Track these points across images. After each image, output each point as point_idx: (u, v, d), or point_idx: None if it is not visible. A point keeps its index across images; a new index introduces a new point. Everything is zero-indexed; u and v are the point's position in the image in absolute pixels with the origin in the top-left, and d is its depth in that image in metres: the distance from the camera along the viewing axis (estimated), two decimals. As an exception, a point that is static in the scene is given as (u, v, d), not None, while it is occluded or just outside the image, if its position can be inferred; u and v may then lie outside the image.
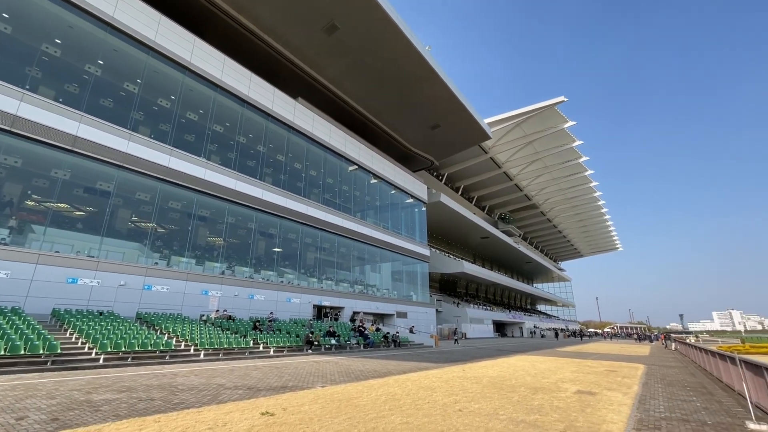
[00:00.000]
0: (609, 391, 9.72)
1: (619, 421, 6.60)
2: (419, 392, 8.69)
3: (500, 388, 9.70)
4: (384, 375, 11.56)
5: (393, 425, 5.75)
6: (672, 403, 8.45)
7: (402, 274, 37.34)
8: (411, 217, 39.58)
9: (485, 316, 54.88)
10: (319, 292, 26.14)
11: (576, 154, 54.39)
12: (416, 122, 35.15)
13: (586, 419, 6.62)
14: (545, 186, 63.88)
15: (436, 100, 31.87)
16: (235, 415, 6.01)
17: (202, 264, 20.46)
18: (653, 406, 8.12)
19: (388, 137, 36.65)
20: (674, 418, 7.03)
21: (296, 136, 26.50)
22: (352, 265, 31.08)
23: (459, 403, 7.59)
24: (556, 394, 9.08)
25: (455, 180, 56.86)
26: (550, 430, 5.83)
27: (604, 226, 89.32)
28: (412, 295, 37.40)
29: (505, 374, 12.60)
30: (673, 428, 6.27)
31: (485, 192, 62.04)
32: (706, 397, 9.32)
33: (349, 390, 8.71)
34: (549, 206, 72.19)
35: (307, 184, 27.35)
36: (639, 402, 8.45)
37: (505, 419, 6.37)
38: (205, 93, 21.40)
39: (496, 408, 7.22)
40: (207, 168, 20.20)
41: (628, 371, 14.63)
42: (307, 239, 27.01)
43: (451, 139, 38.46)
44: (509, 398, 8.27)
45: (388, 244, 33.63)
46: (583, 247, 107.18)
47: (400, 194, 37.11)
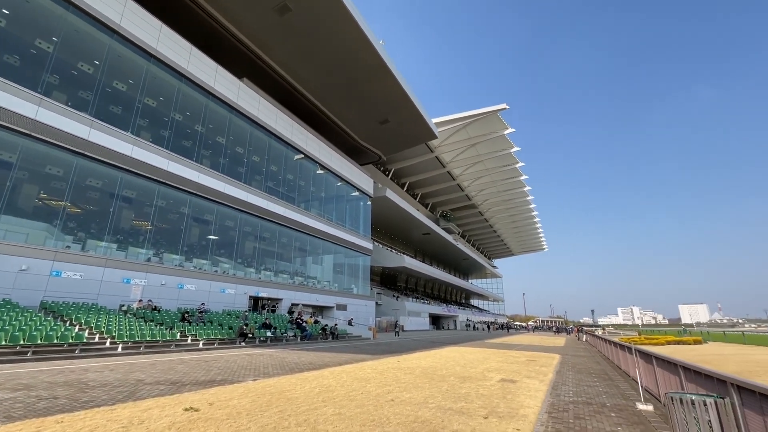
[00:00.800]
0: (528, 379, 10.60)
1: (534, 405, 7.24)
2: (354, 384, 8.79)
3: (431, 378, 10.14)
4: (320, 367, 11.51)
5: (325, 416, 5.76)
6: (579, 389, 9.44)
7: (344, 267, 37.29)
8: (356, 210, 39.59)
9: (422, 310, 56.83)
10: (257, 283, 25.21)
11: (513, 160, 58.07)
12: (366, 116, 35.11)
13: (506, 405, 7.16)
14: (484, 188, 67.42)
15: (387, 95, 32.06)
16: (154, 412, 5.62)
17: (124, 249, 18.68)
18: (564, 391, 9.01)
19: (337, 128, 36.18)
20: (580, 401, 7.87)
21: (239, 119, 25.11)
22: (293, 257, 30.37)
23: (392, 393, 7.81)
24: (482, 382, 9.71)
25: (401, 176, 57.86)
26: (474, 416, 6.22)
27: (534, 228, 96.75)
28: (353, 287, 37.55)
29: (437, 365, 13.19)
30: (578, 410, 7.03)
31: (429, 190, 63.96)
32: (607, 383, 10.54)
33: (283, 383, 8.55)
34: (487, 207, 76.36)
35: (249, 170, 26.11)
36: (552, 388, 9.33)
37: (434, 407, 6.68)
38: (136, 62, 19.41)
39: (427, 397, 7.54)
40: (135, 145, 18.39)
41: (545, 361, 16.07)
42: (247, 228, 25.85)
43: (400, 136, 39.02)
44: (439, 387, 8.68)
45: (332, 236, 33.35)
46: (515, 247, 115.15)
47: (346, 186, 36.90)
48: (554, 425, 5.94)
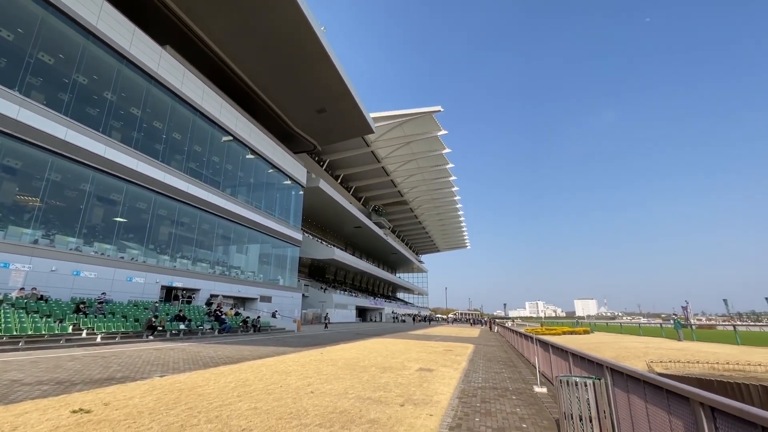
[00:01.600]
0: (444, 368, 11.28)
1: (447, 392, 7.73)
2: (273, 377, 8.56)
3: (353, 369, 10.29)
4: (238, 361, 11.00)
5: (239, 411, 5.53)
6: (488, 375, 10.30)
7: (270, 257, 35.94)
8: (287, 199, 38.33)
9: (350, 302, 57.20)
10: (171, 271, 23.17)
11: (444, 161, 60.85)
12: (303, 103, 34.05)
13: (422, 392, 7.55)
14: (416, 185, 69.71)
15: (326, 83, 31.42)
16: (32, 417, 4.89)
17: (2, 228, 15.88)
18: (474, 378, 9.76)
19: (271, 113, 34.55)
20: (487, 386, 8.60)
21: (159, 90, 22.69)
22: (215, 245, 28.45)
23: (312, 385, 7.76)
24: (402, 372, 10.10)
25: (336, 168, 57.31)
26: (391, 404, 6.45)
27: (459, 226, 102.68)
28: (279, 279, 36.40)
29: (360, 356, 13.41)
30: (485, 395, 7.67)
31: (363, 183, 64.30)
32: (512, 369, 11.65)
33: (195, 378, 8.01)
34: (417, 204, 79.09)
35: (169, 148, 23.79)
36: (465, 375, 10.05)
37: (354, 397, 6.79)
38: (27, 7, 16.47)
39: (347, 388, 7.63)
40: (22, 106, 15.63)
41: (460, 350, 17.22)
42: (162, 211, 23.57)
43: (337, 127, 38.55)
44: (360, 378, 8.84)
45: (259, 224, 31.90)
46: (441, 243, 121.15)
47: (277, 174, 35.49)
48: (463, 409, 6.42)
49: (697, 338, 22.90)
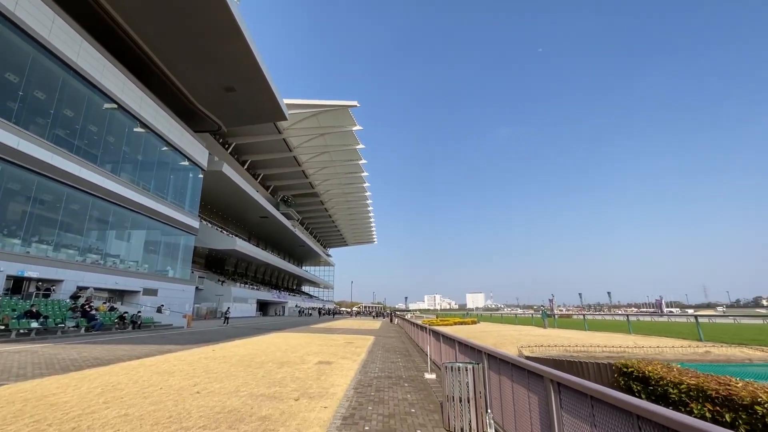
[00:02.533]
0: (343, 360, 11.44)
1: (344, 384, 7.86)
2: (152, 378, 7.68)
3: (248, 365, 9.80)
4: (109, 362, 9.61)
5: (105, 420, 4.84)
6: (384, 365, 10.75)
7: (159, 246, 32.06)
8: (183, 182, 34.56)
9: (250, 296, 54.28)
10: (23, 258, 19.10)
11: (357, 156, 61.38)
12: (209, 78, 30.95)
13: (319, 385, 7.55)
14: (329, 178, 69.05)
15: (236, 60, 29.04)
16: None
17: None
18: (371, 368, 10.10)
19: (171, 85, 30.68)
20: (383, 376, 8.98)
21: (16, 34, 18.41)
22: (86, 228, 24.23)
23: (199, 385, 7.18)
24: (300, 366, 9.95)
25: (243, 153, 53.61)
26: (286, 399, 6.31)
27: (368, 222, 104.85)
28: (168, 270, 32.70)
29: (257, 351, 12.83)
30: (380, 384, 8.00)
31: (272, 172, 61.37)
32: (407, 359, 12.35)
33: (47, 385, 6.77)
34: (328, 197, 78.44)
35: (27, 109, 19.50)
36: (362, 366, 10.34)
37: (246, 395, 6.47)
38: None
39: (239, 385, 7.24)
40: None
41: (361, 342, 17.66)
42: (14, 185, 19.26)
43: (246, 109, 35.99)
44: (255, 374, 8.46)
45: (146, 208, 28.19)
46: (350, 237, 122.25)
47: (173, 153, 31.74)
48: (358, 399, 6.60)
49: (558, 326, 27.16)
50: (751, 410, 3.08)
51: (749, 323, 28.72)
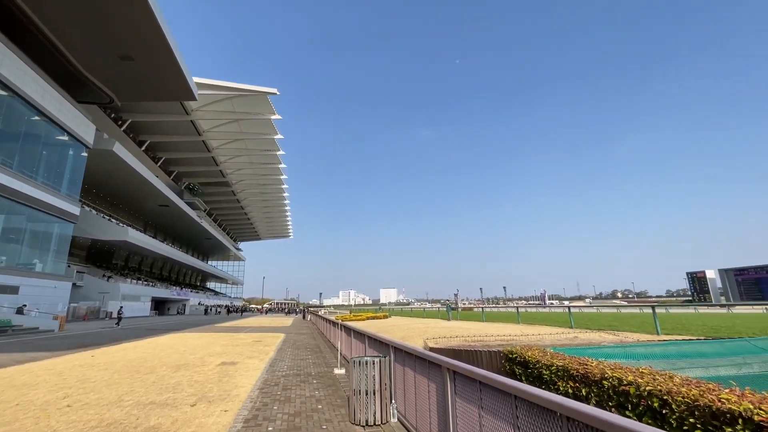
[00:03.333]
0: (249, 359, 10.91)
1: (248, 384, 7.51)
2: (5, 394, 6.42)
3: (136, 371, 8.78)
4: (-58, 377, 7.76)
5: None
6: (294, 362, 10.53)
7: (23, 234, 26.73)
8: (60, 160, 29.29)
9: (143, 293, 48.59)
10: None
11: (275, 146, 58.73)
12: (101, 42, 26.62)
13: (220, 388, 7.09)
14: (242, 167, 64.84)
15: (135, 24, 25.44)
16: None
17: None
18: (279, 367, 9.82)
19: (49, 45, 25.64)
20: (291, 374, 8.79)
21: None
22: None
23: (70, 397, 6.21)
24: (200, 368, 9.23)
25: (141, 132, 47.47)
26: (180, 405, 5.81)
27: (284, 216, 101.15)
28: (35, 263, 27.48)
29: (148, 355, 11.55)
30: (288, 382, 7.82)
31: (176, 156, 55.48)
32: (317, 355, 12.26)
33: None
34: (241, 187, 73.72)
35: None
36: (270, 365, 9.99)
37: (131, 404, 5.79)
38: None
39: (123, 394, 6.45)
40: None
41: (270, 340, 17.02)
42: None
43: (147, 83, 31.84)
44: (144, 381, 7.62)
45: (6, 188, 23.30)
46: (263, 231, 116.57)
47: (47, 125, 26.68)
48: (263, 399, 6.37)
49: (460, 318, 29.50)
50: (600, 385, 3.74)
51: (607, 312, 34.60)
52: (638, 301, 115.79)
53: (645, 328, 12.63)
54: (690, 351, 5.56)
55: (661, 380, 3.25)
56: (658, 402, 3.05)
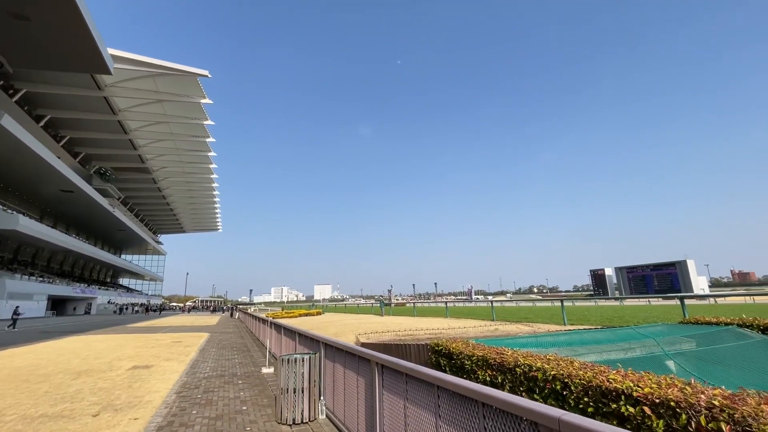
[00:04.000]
0: (167, 362, 10.08)
1: (164, 389, 6.93)
2: None
3: (25, 380, 7.63)
4: None
5: None
6: (217, 363, 9.95)
7: None
8: (-76, 130, 24.19)
9: (37, 290, 42.44)
10: None
11: (204, 133, 54.64)
12: (-17, -8, 22.40)
13: (131, 394, 6.45)
14: (165, 153, 59.30)
15: (34, -18, 21.92)
16: None
17: None
18: (201, 368, 9.20)
19: None
20: (214, 375, 8.29)
21: None
22: None
23: (-68, 414, 5.21)
24: (107, 374, 8.31)
25: (39, 104, 41.08)
26: (79, 416, 5.17)
27: (212, 208, 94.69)
28: None
29: (42, 361, 10.10)
30: (210, 384, 7.36)
31: (85, 136, 48.99)
32: (244, 355, 11.71)
33: None
34: (163, 174, 67.46)
35: None
36: (191, 367, 9.32)
37: (14, 419, 5.02)
38: None
39: (5, 408, 5.57)
40: None
41: (192, 341, 15.88)
42: None
43: (48, 48, 27.53)
44: (35, 390, 6.65)
45: None
46: (188, 224, 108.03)
47: None
48: (180, 404, 5.92)
49: (393, 313, 30.22)
50: (514, 372, 4.09)
51: (524, 305, 37.92)
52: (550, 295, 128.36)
53: (555, 319, 14.07)
54: (588, 338, 6.32)
55: (564, 365, 3.64)
56: (560, 384, 3.41)
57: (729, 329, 6.80)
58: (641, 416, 2.57)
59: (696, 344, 6.16)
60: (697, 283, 57.26)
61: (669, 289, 56.92)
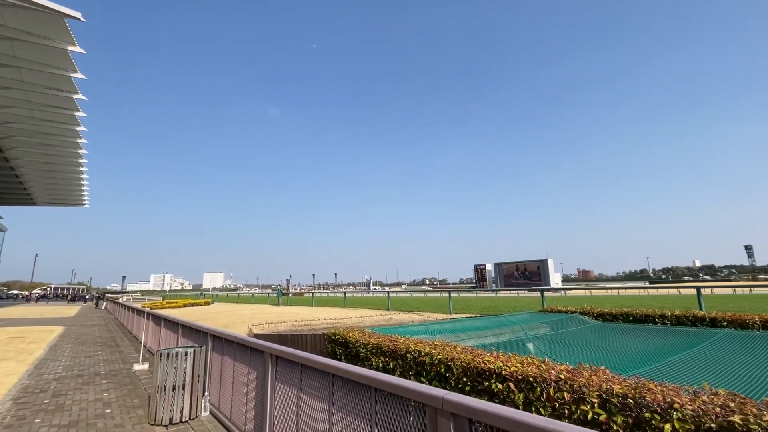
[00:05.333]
0: (2, 362, 8.22)
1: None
2: None
3: None
4: None
5: None
6: (74, 361, 8.47)
7: None
8: None
9: None
10: None
11: (71, 88, 45.36)
12: None
13: (-60, 405, 5.09)
14: (14, 105, 47.51)
15: None
16: None
17: None
18: (52, 368, 7.74)
19: None
20: (69, 376, 7.04)
21: None
22: None
23: None
24: None
25: None
26: None
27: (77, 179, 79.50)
28: None
29: None
30: (62, 386, 6.23)
31: None
32: (112, 350, 10.19)
33: None
34: (9, 132, 54.13)
35: None
36: (36, 368, 7.76)
37: None
38: None
39: None
40: None
41: (39, 335, 13.23)
42: None
43: None
44: None
45: None
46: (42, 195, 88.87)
47: None
48: (19, 412, 4.90)
49: (291, 303, 29.51)
50: (405, 357, 4.36)
51: (417, 296, 40.68)
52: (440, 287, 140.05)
53: (443, 309, 15.41)
54: (469, 326, 7.08)
55: (448, 350, 4.01)
56: (444, 367, 3.76)
57: (572, 316, 8.30)
58: (507, 391, 2.98)
59: (550, 329, 7.38)
60: (554, 278, 68.53)
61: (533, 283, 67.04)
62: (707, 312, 7.14)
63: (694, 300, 9.38)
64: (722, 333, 6.00)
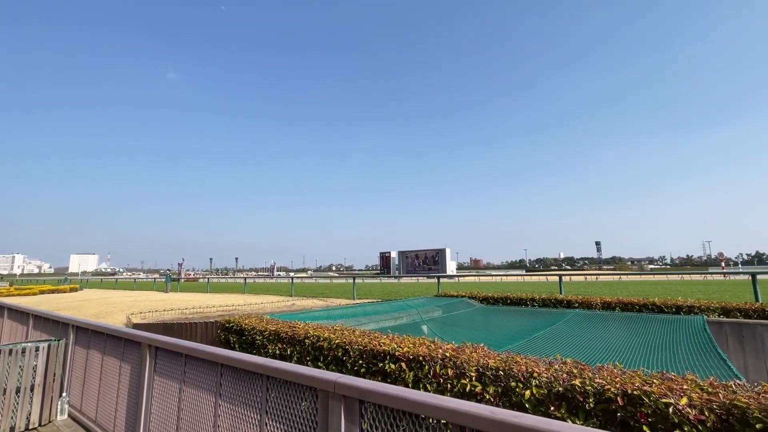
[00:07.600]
0: None
1: None
2: None
3: None
4: None
5: None
6: None
7: None
8: None
9: None
10: None
11: None
12: None
13: None
14: None
15: None
16: None
17: None
18: None
19: None
20: None
21: None
22: None
23: None
24: None
25: None
26: None
27: None
28: None
29: None
30: None
31: None
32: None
33: None
34: None
35: None
36: None
37: None
38: None
39: None
40: None
41: None
42: None
43: None
44: None
45: None
46: None
47: None
48: None
49: (182, 290, 26.84)
50: (303, 343, 4.32)
51: (323, 282, 40.59)
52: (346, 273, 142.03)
53: (347, 294, 15.66)
54: (370, 310, 7.32)
55: (347, 334, 4.08)
56: (342, 351, 3.82)
57: (462, 300, 9.18)
58: (399, 371, 3.16)
59: (442, 312, 8.04)
60: (450, 266, 74.81)
61: (432, 270, 72.26)
62: (565, 296, 8.54)
63: (557, 286, 11.15)
64: (573, 313, 7.24)
